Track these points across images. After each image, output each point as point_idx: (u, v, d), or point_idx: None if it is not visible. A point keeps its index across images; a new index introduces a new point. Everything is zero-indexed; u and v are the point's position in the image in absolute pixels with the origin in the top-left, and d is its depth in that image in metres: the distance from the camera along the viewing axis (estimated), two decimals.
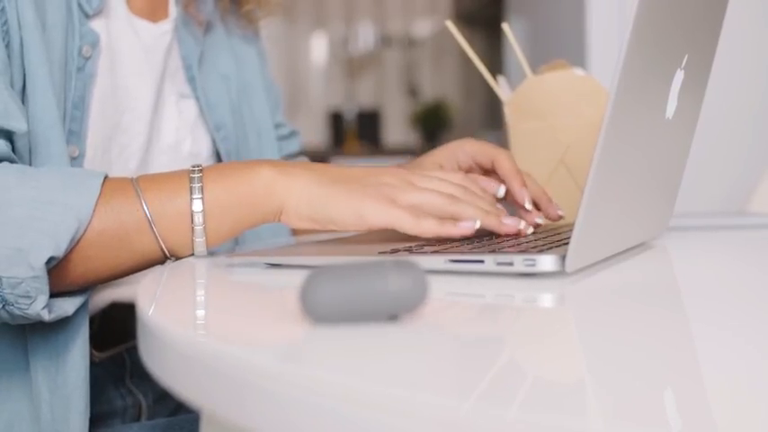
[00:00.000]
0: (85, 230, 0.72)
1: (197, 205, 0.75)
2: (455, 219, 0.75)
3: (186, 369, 0.45)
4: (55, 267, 0.72)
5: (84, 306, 0.80)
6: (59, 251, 0.70)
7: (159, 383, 0.48)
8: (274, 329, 0.50)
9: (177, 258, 0.78)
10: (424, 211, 0.75)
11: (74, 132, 0.86)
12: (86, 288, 0.78)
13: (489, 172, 0.93)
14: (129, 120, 0.95)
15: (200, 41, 1.06)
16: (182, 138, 1.02)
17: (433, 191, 0.76)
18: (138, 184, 0.75)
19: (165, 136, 1.01)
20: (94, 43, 0.89)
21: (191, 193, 0.75)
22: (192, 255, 0.77)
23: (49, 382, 0.80)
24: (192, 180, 0.75)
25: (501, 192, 0.87)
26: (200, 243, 0.76)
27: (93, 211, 0.72)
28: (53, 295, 0.73)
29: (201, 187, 0.75)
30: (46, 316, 0.72)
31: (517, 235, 0.78)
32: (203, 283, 0.73)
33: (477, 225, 0.74)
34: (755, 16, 2.15)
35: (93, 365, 0.97)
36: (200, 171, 0.76)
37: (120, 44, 0.95)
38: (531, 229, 0.79)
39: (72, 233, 0.71)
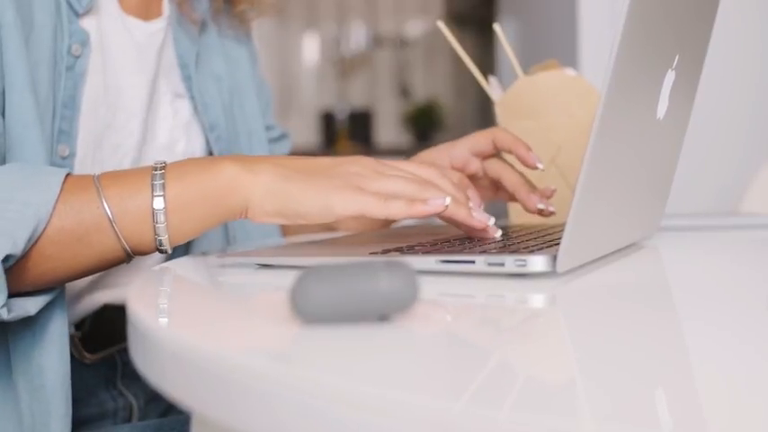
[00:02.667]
0: (44, 229, 0.71)
1: (158, 203, 0.73)
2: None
3: (176, 370, 0.45)
4: (13, 266, 0.71)
5: (61, 309, 0.79)
6: (17, 249, 0.69)
7: (150, 385, 0.48)
8: (265, 330, 0.50)
9: (142, 255, 0.76)
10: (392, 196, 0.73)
11: (64, 132, 0.86)
12: (50, 288, 0.77)
13: (490, 156, 0.93)
14: (123, 119, 0.95)
15: (196, 41, 1.06)
16: (176, 138, 1.02)
17: (401, 178, 0.75)
18: (99, 182, 0.74)
19: (160, 136, 1.00)
20: (84, 42, 0.88)
21: (152, 191, 0.73)
22: (157, 252, 0.75)
23: (28, 386, 0.79)
24: (153, 177, 0.73)
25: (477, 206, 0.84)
26: (162, 241, 0.74)
27: (53, 208, 0.71)
28: (14, 295, 0.72)
29: (163, 184, 0.73)
30: (5, 315, 0.71)
31: (484, 234, 0.76)
32: (193, 284, 0.73)
33: (447, 202, 0.72)
34: (747, 17, 2.16)
35: (85, 367, 0.97)
36: (163, 168, 0.74)
37: (111, 42, 0.94)
38: (499, 232, 0.77)
39: (30, 231, 0.69)
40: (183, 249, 0.98)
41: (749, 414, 0.31)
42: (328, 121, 5.91)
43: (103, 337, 0.99)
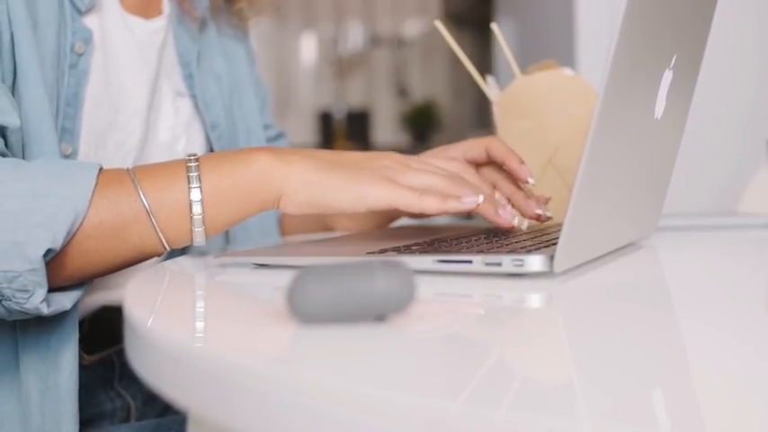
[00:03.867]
0: (82, 222, 0.71)
1: (195, 194, 0.73)
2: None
3: (173, 370, 0.45)
4: (52, 260, 0.70)
5: (74, 307, 0.80)
6: (57, 243, 0.68)
7: (147, 385, 0.48)
8: (261, 330, 0.50)
9: (177, 247, 0.76)
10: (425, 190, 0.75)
11: (66, 129, 0.86)
12: (82, 283, 0.77)
13: (483, 165, 0.93)
14: (125, 117, 0.95)
15: (197, 39, 1.06)
16: (177, 136, 1.02)
17: (432, 173, 0.77)
18: (134, 175, 0.74)
19: (161, 134, 1.00)
20: (87, 39, 0.88)
21: (188, 183, 0.73)
22: (190, 245, 0.76)
23: (40, 384, 0.79)
24: (188, 169, 0.74)
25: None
26: (198, 233, 0.74)
27: (90, 202, 0.71)
28: (50, 290, 0.73)
29: (199, 176, 0.73)
30: (45, 310, 0.71)
31: (511, 230, 0.78)
32: (190, 284, 0.73)
33: (480, 200, 0.74)
34: (745, 17, 2.16)
35: (83, 368, 0.96)
36: (197, 160, 0.74)
37: (113, 41, 0.94)
38: (525, 224, 0.79)
39: (69, 225, 0.69)
40: (180, 249, 0.98)
41: (747, 414, 0.31)
42: (326, 120, 5.91)
43: (102, 338, 0.98)
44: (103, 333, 0.98)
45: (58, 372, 0.80)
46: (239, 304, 0.63)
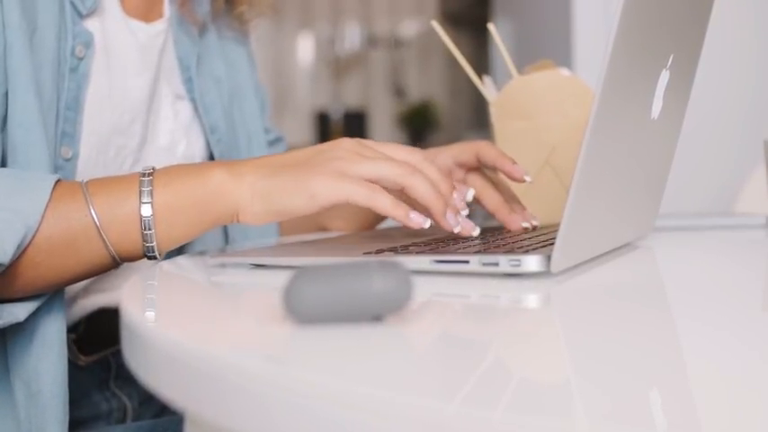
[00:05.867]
0: (33, 236, 0.71)
1: (146, 210, 0.73)
2: (408, 194, 0.73)
3: (170, 371, 0.45)
4: (2, 273, 0.70)
5: (58, 313, 0.79)
6: (6, 258, 0.68)
7: (144, 386, 0.48)
8: (258, 330, 0.50)
9: (130, 261, 0.76)
10: (377, 183, 0.73)
11: (67, 133, 0.85)
12: (40, 294, 0.77)
13: (474, 170, 0.92)
14: (126, 120, 0.94)
15: (197, 43, 1.06)
16: (177, 139, 1.02)
17: (386, 160, 0.74)
18: (87, 189, 0.74)
19: (161, 137, 1.00)
20: (88, 43, 0.88)
21: (140, 198, 0.73)
22: (145, 258, 0.75)
23: (25, 390, 0.79)
24: (141, 184, 0.73)
25: (469, 195, 0.83)
26: (150, 248, 0.74)
27: (42, 216, 0.71)
28: (2, 301, 0.72)
29: (151, 191, 0.73)
30: None
31: (458, 235, 0.76)
32: (187, 284, 0.73)
33: (427, 225, 0.72)
34: (742, 17, 2.16)
35: (79, 369, 0.96)
36: (151, 175, 0.74)
37: (115, 44, 0.94)
38: (477, 231, 0.76)
39: (19, 239, 0.69)
40: (177, 249, 0.98)
41: (745, 413, 0.31)
42: (323, 121, 5.91)
43: (98, 339, 0.98)
44: (100, 334, 0.98)
45: (39, 378, 0.79)
46: (236, 305, 0.62)
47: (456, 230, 0.75)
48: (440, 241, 0.76)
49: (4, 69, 0.79)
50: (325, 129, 5.86)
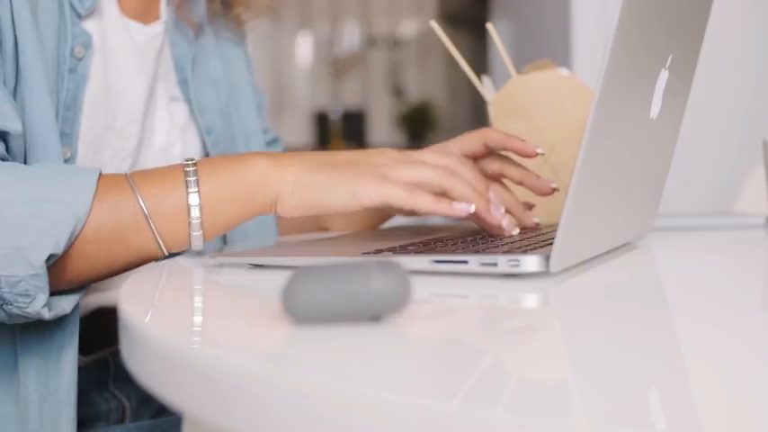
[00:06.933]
0: (83, 227, 0.71)
1: (193, 199, 0.74)
2: (449, 196, 0.75)
3: (168, 371, 0.45)
4: (53, 265, 0.71)
5: (75, 310, 0.80)
6: (59, 248, 0.69)
7: (142, 386, 0.48)
8: (257, 331, 0.50)
9: (175, 251, 0.77)
10: (418, 186, 0.75)
11: (65, 134, 0.86)
12: (82, 286, 0.78)
13: (483, 157, 0.92)
14: (122, 122, 0.95)
15: (193, 44, 1.06)
16: (173, 141, 1.02)
17: (424, 166, 0.76)
18: (132, 180, 0.74)
19: (157, 139, 1.00)
20: (87, 44, 0.88)
21: (186, 187, 0.74)
22: (188, 250, 0.76)
23: (40, 388, 0.79)
24: (186, 174, 0.74)
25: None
26: (196, 237, 0.75)
27: (90, 207, 0.71)
28: (50, 294, 0.73)
29: (197, 180, 0.74)
30: (46, 314, 0.71)
31: (500, 232, 0.78)
32: (186, 284, 0.73)
33: (472, 209, 0.74)
34: (741, 17, 2.16)
35: (78, 369, 0.96)
36: (194, 165, 0.75)
37: (112, 45, 0.94)
38: (516, 230, 0.79)
39: (71, 230, 0.70)
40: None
41: (744, 413, 0.31)
42: (322, 121, 5.91)
43: (97, 339, 0.98)
44: (98, 334, 0.98)
45: (59, 375, 0.80)
46: (235, 304, 0.62)
47: (504, 224, 0.78)
48: (438, 241, 0.76)
49: (14, 67, 0.79)
50: (324, 129, 5.87)
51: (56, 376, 0.80)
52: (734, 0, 2.14)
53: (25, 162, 0.80)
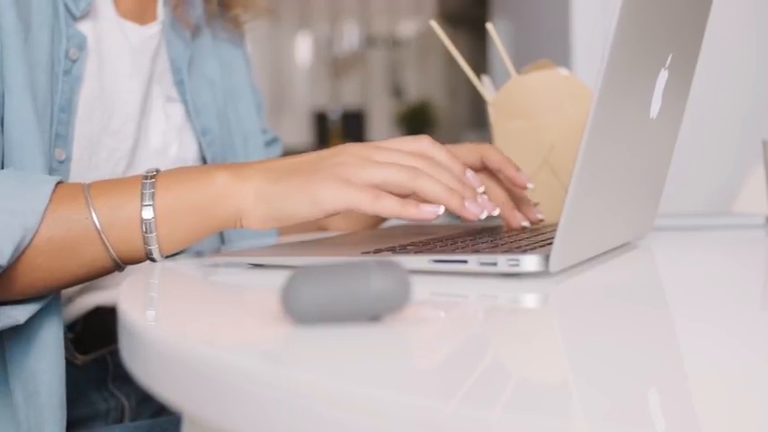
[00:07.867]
0: (32, 238, 0.70)
1: (147, 212, 0.72)
2: (417, 197, 0.72)
3: (167, 371, 0.45)
4: (1, 275, 0.70)
5: (55, 314, 0.79)
6: (3, 259, 0.68)
7: (141, 385, 0.48)
8: (256, 330, 0.50)
9: (132, 264, 0.76)
10: (384, 188, 0.71)
11: (60, 135, 0.85)
12: (41, 296, 0.77)
13: (477, 172, 0.92)
14: (118, 123, 0.94)
15: (190, 45, 1.05)
16: (169, 141, 1.02)
17: (392, 165, 0.72)
18: (89, 191, 0.73)
19: (153, 140, 1.00)
20: (81, 45, 0.88)
21: (141, 200, 0.73)
22: (148, 261, 0.75)
23: (23, 391, 0.79)
24: (143, 186, 0.73)
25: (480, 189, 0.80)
26: (152, 251, 0.73)
27: (42, 218, 0.71)
28: (2, 303, 0.72)
29: (153, 194, 0.73)
30: None
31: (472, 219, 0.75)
32: (185, 284, 0.72)
33: (441, 211, 0.71)
34: (741, 16, 2.16)
35: (76, 369, 0.96)
36: (154, 177, 0.74)
37: (108, 46, 0.94)
38: (489, 213, 0.74)
39: (17, 241, 0.69)
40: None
41: (743, 413, 0.31)
42: (321, 120, 5.92)
43: (95, 338, 0.98)
44: (97, 333, 0.98)
45: (36, 378, 0.79)
46: (234, 304, 0.62)
47: (482, 216, 0.73)
48: (438, 241, 0.76)
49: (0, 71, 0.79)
50: (323, 129, 5.87)
51: (34, 380, 0.79)
52: (734, 0, 2.14)
53: (2, 166, 0.79)
